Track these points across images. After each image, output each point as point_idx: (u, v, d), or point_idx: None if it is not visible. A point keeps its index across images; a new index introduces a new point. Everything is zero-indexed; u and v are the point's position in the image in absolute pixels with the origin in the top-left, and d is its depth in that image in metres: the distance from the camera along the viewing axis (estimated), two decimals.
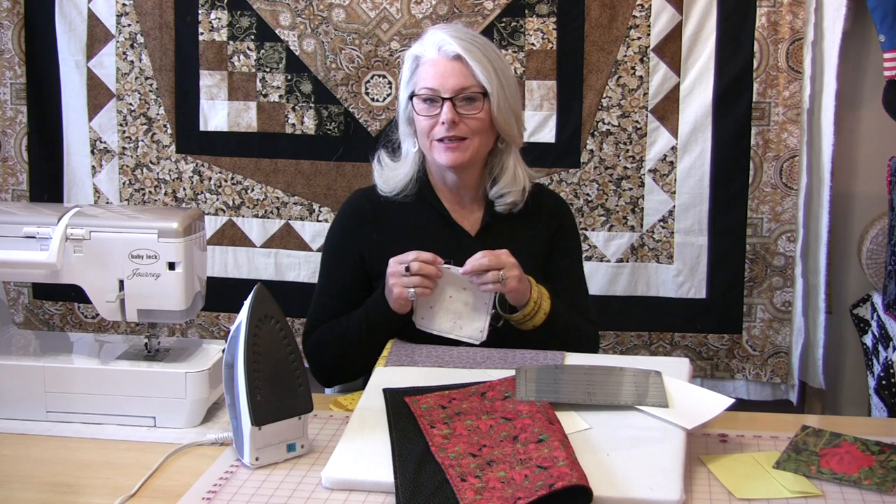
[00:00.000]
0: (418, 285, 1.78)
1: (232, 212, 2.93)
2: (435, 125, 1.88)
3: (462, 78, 1.86)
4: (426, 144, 1.91)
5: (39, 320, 3.07)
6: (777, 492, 1.36)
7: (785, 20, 2.61)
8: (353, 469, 1.40)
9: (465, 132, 1.88)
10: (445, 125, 1.86)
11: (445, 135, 1.87)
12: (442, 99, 1.86)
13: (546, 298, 1.87)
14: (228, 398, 1.49)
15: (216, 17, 2.84)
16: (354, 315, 1.91)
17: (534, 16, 2.71)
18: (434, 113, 1.88)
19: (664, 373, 1.63)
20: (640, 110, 2.71)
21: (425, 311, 1.85)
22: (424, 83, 1.88)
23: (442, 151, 1.89)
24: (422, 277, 1.78)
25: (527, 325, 1.87)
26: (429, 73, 1.88)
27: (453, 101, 1.86)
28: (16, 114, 2.98)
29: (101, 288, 1.66)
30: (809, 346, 2.75)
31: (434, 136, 1.89)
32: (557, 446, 1.36)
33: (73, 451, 1.55)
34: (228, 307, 2.88)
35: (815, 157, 2.67)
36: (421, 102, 1.89)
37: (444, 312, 1.84)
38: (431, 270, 1.79)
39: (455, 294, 1.83)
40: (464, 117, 1.87)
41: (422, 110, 1.89)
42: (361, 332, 1.89)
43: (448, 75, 1.86)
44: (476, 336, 1.84)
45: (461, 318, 1.84)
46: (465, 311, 1.84)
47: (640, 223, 2.76)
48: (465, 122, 1.87)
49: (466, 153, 1.89)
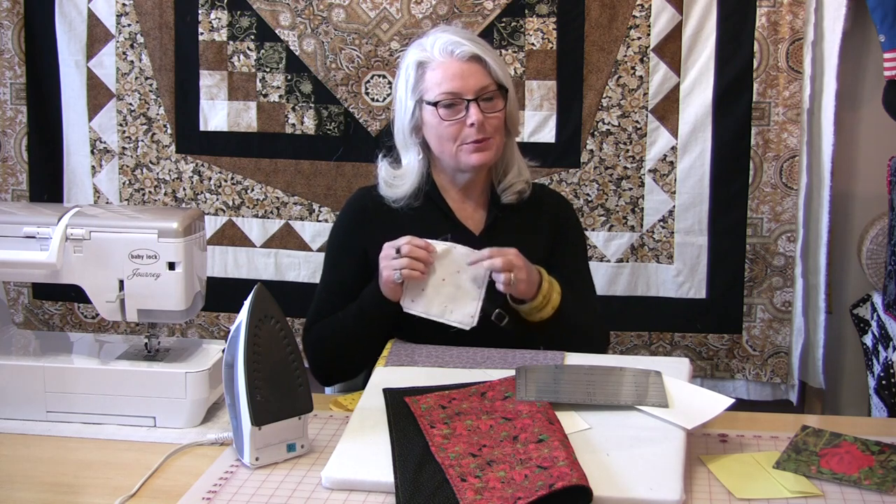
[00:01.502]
0: (406, 266, 1.77)
1: (232, 212, 2.93)
2: (461, 129, 1.87)
3: (482, 77, 1.87)
4: (450, 150, 1.90)
5: (39, 320, 3.07)
6: (777, 492, 1.36)
7: (785, 20, 2.61)
8: (353, 469, 1.40)
9: (489, 131, 1.88)
10: (475, 126, 1.85)
11: (476, 137, 1.86)
12: (467, 101, 1.86)
13: (556, 292, 1.87)
14: (228, 398, 1.49)
15: (216, 17, 2.84)
16: (350, 307, 1.91)
17: (534, 16, 2.71)
18: (458, 116, 1.87)
19: (664, 373, 1.63)
20: (640, 110, 2.71)
21: (416, 293, 1.81)
22: (441, 88, 1.87)
23: (470, 153, 1.88)
24: (410, 259, 1.77)
25: (534, 316, 1.86)
26: (443, 78, 1.87)
27: (478, 102, 1.86)
28: (16, 114, 2.98)
29: (101, 288, 1.66)
30: (809, 346, 2.75)
31: (464, 140, 1.88)
32: (557, 446, 1.37)
33: (73, 451, 1.55)
34: (228, 307, 2.88)
35: (815, 157, 2.67)
36: (442, 108, 1.87)
37: (436, 296, 1.81)
38: (421, 254, 1.78)
39: (448, 277, 1.81)
40: (487, 117, 1.87)
41: (445, 115, 1.87)
42: (356, 323, 1.88)
43: (467, 76, 1.86)
44: (466, 321, 1.81)
45: (453, 301, 1.81)
46: (457, 295, 1.81)
47: (640, 223, 2.76)
48: (488, 122, 1.88)
49: (492, 151, 1.90)
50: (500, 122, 1.90)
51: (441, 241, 1.82)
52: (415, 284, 1.81)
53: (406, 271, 1.77)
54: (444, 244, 1.81)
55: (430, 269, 1.80)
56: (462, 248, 1.82)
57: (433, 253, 1.80)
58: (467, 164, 1.91)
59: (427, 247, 1.79)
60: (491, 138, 1.89)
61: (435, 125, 1.89)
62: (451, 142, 1.89)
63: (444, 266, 1.81)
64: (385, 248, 1.82)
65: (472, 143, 1.87)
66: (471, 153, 1.88)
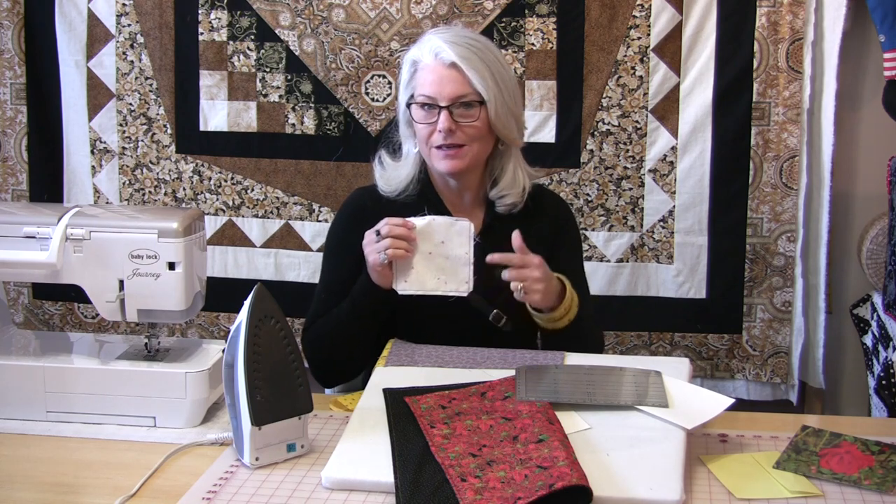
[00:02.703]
0: (389, 246, 1.76)
1: (232, 212, 2.93)
2: (433, 132, 1.87)
3: (458, 86, 1.85)
4: (425, 151, 1.91)
5: (39, 320, 3.07)
6: (777, 492, 1.36)
7: (785, 20, 2.61)
8: (353, 469, 1.40)
9: (462, 139, 1.87)
10: (443, 133, 1.85)
11: (443, 142, 1.87)
12: (439, 107, 1.86)
13: (575, 305, 1.88)
14: (228, 398, 1.49)
15: (216, 17, 2.84)
16: (344, 302, 1.91)
17: (534, 16, 2.71)
18: (431, 120, 1.87)
19: (664, 373, 1.63)
20: (640, 110, 2.71)
21: (407, 274, 1.80)
22: (422, 90, 1.87)
23: (440, 159, 1.89)
24: (392, 239, 1.76)
25: (549, 325, 1.87)
26: (426, 80, 1.87)
27: (450, 109, 1.85)
28: (16, 114, 2.98)
29: (101, 288, 1.65)
30: (809, 346, 2.75)
31: (432, 144, 1.88)
32: (557, 446, 1.37)
33: (73, 451, 1.55)
34: (228, 307, 2.88)
35: (815, 157, 2.67)
36: (419, 109, 1.88)
37: (427, 271, 1.80)
38: (402, 231, 1.77)
39: (435, 249, 1.80)
40: (461, 125, 1.86)
41: (420, 117, 1.89)
42: (350, 317, 1.88)
43: (445, 83, 1.85)
44: (462, 288, 1.80)
45: (444, 272, 1.80)
46: (447, 265, 1.80)
47: (640, 223, 2.76)
48: (462, 130, 1.87)
49: (465, 160, 1.89)
50: (477, 132, 1.88)
51: (419, 217, 1.81)
52: (404, 265, 1.80)
53: (391, 251, 1.77)
54: (423, 219, 1.81)
55: (415, 245, 1.79)
56: (441, 219, 1.81)
57: (414, 229, 1.79)
58: (437, 169, 1.92)
59: (406, 223, 1.79)
60: (465, 146, 1.88)
61: (415, 124, 1.91)
62: (424, 143, 1.90)
63: (428, 239, 1.80)
64: (366, 235, 1.82)
65: (441, 148, 1.87)
66: (441, 159, 1.89)
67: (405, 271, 1.81)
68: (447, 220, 1.81)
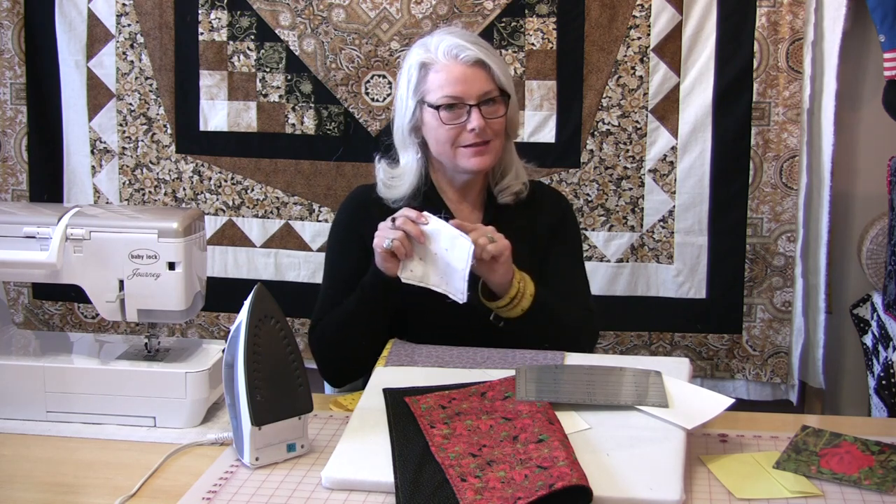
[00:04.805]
0: (397, 238, 1.76)
1: (232, 212, 2.93)
2: (460, 132, 1.88)
3: (484, 83, 1.87)
4: (447, 152, 1.91)
5: (39, 320, 3.07)
6: (777, 492, 1.36)
7: (785, 20, 2.61)
8: (353, 469, 1.40)
9: (489, 135, 1.89)
10: (475, 131, 1.86)
11: (475, 141, 1.87)
12: (468, 105, 1.86)
13: (529, 282, 1.86)
14: (228, 398, 1.49)
15: (216, 17, 2.84)
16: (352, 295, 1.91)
17: (534, 16, 2.71)
18: (459, 121, 1.88)
19: (664, 373, 1.63)
20: (640, 110, 2.71)
21: (415, 264, 1.82)
22: (443, 91, 1.87)
23: (469, 157, 1.89)
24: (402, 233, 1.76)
25: (515, 310, 1.86)
26: (446, 81, 1.87)
27: (479, 107, 1.86)
28: (16, 114, 2.98)
29: (101, 288, 1.65)
30: (809, 346, 2.75)
31: (460, 143, 1.89)
32: (557, 446, 1.37)
33: (73, 451, 1.55)
34: (228, 307, 2.88)
35: (815, 157, 2.67)
36: (444, 111, 1.88)
37: (431, 267, 1.81)
38: (412, 229, 1.77)
39: (440, 252, 1.81)
40: (489, 121, 1.88)
41: (447, 118, 1.88)
42: (357, 306, 1.87)
43: (471, 81, 1.86)
44: (458, 297, 1.80)
45: (444, 275, 1.82)
46: (447, 271, 1.81)
47: (640, 223, 2.76)
48: (490, 126, 1.88)
49: (493, 155, 1.91)
50: (500, 127, 1.91)
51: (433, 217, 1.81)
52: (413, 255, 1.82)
53: (396, 243, 1.77)
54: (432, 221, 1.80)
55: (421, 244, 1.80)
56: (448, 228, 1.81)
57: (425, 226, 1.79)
58: (466, 168, 1.91)
59: (419, 218, 1.79)
60: (491, 142, 1.90)
61: (435, 127, 1.90)
62: (450, 144, 1.90)
63: (435, 241, 1.81)
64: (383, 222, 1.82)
65: (470, 146, 1.88)
66: (470, 157, 1.89)
67: (412, 262, 1.82)
68: (453, 233, 1.81)
